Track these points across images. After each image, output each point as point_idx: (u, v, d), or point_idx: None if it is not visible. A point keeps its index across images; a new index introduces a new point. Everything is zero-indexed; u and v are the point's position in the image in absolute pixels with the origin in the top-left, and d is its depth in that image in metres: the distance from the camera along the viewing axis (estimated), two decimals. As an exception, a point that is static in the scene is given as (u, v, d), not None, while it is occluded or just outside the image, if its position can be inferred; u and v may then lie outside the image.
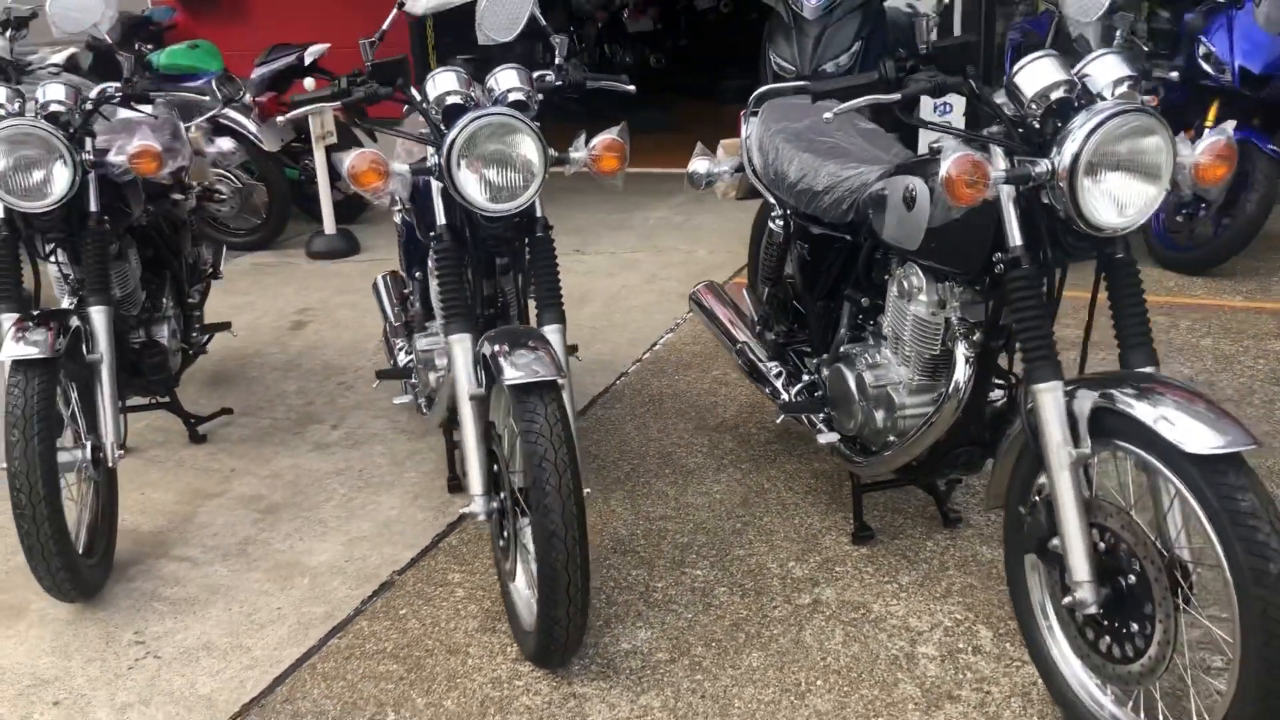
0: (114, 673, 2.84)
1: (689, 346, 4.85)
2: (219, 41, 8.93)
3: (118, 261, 3.63)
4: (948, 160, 2.14)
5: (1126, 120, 2.13)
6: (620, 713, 2.59)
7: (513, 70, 2.82)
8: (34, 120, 3.08)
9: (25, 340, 2.93)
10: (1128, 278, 2.35)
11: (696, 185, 3.58)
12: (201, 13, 9.48)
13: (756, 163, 3.39)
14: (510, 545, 2.73)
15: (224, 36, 9.17)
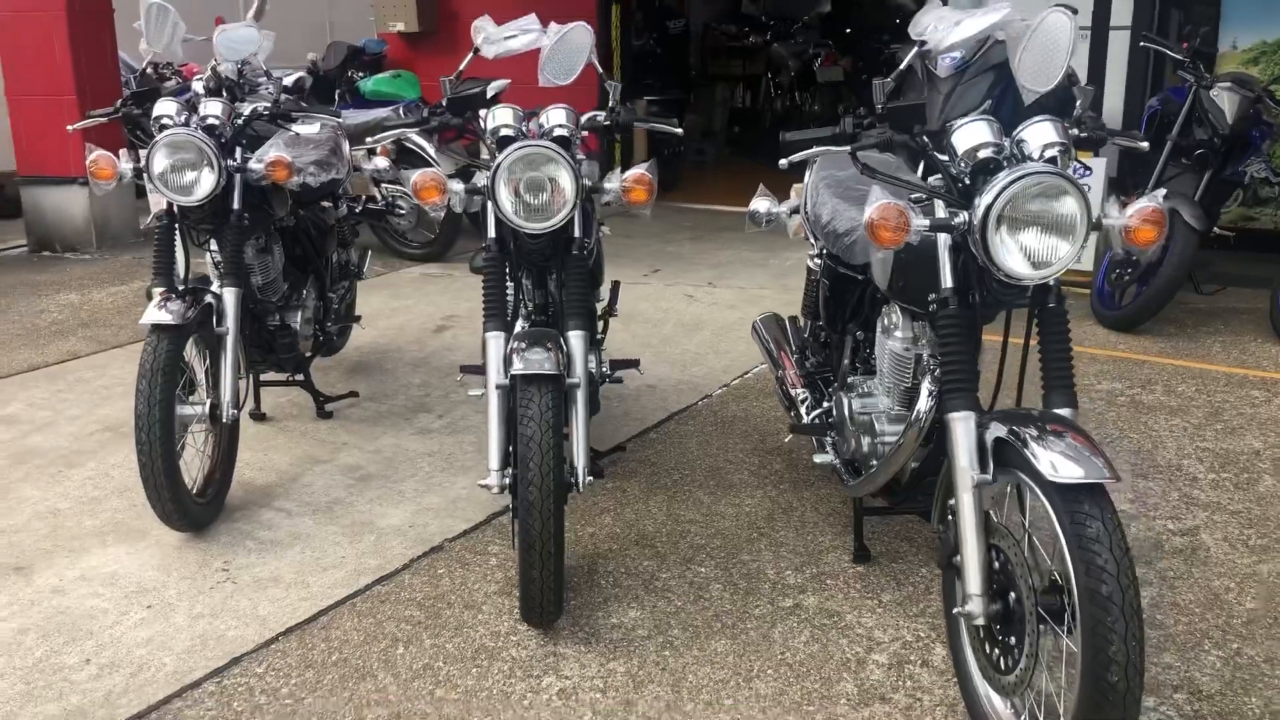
0: (198, 590, 3.41)
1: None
2: (431, 72, 9.80)
3: (262, 254, 4.28)
4: (871, 206, 2.44)
5: (1038, 180, 2.37)
6: (588, 671, 2.95)
7: (561, 110, 3.26)
8: (192, 130, 3.72)
9: (164, 309, 3.56)
10: (1056, 325, 2.57)
11: (757, 224, 3.91)
12: (419, 45, 10.41)
13: (807, 206, 3.72)
14: (514, 514, 3.14)
15: (435, 67, 10.07)
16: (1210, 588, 3.31)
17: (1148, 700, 2.78)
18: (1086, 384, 5.00)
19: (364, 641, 3.12)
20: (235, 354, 3.81)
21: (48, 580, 3.48)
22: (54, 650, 3.10)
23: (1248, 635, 3.06)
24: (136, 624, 3.23)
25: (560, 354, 3.00)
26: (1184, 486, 3.97)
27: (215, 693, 2.90)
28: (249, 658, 3.05)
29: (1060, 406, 2.52)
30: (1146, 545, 3.56)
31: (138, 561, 3.59)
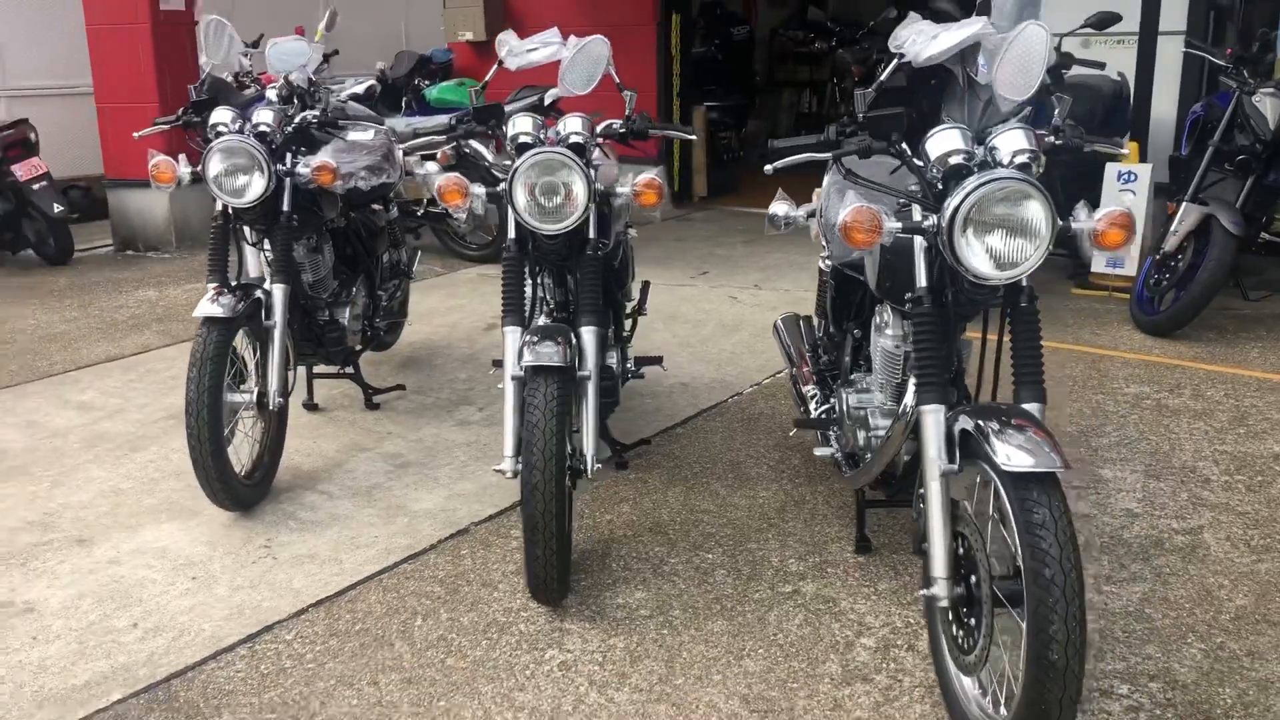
0: (240, 564, 3.67)
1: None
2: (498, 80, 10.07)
3: (313, 253, 4.54)
4: (845, 210, 2.59)
5: (1002, 186, 2.50)
6: (589, 646, 3.14)
7: (578, 118, 3.46)
8: (244, 137, 3.99)
9: (216, 303, 3.84)
10: (1028, 324, 2.69)
11: (776, 227, 4.05)
12: (487, 54, 10.71)
13: (820, 209, 3.86)
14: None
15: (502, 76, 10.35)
16: (1204, 584, 3.38)
17: (1122, 687, 2.89)
18: (1114, 387, 5.06)
19: (386, 614, 3.35)
20: (283, 346, 4.07)
21: (106, 552, 3.77)
22: (106, 615, 3.37)
23: (1233, 630, 3.14)
24: (182, 593, 3.49)
25: (570, 348, 3.19)
26: (1195, 487, 4.03)
27: (246, 656, 3.15)
28: (280, 626, 3.30)
29: (1028, 401, 2.64)
30: (1147, 543, 3.64)
31: (188, 537, 3.86)
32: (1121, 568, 3.49)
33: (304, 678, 3.03)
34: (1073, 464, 2.45)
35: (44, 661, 3.14)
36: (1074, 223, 2.64)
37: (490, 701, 2.90)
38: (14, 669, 3.10)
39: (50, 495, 4.23)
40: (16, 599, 3.48)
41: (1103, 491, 4.01)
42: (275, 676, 3.04)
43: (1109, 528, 3.74)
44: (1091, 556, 3.53)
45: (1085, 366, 5.36)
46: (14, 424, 5.01)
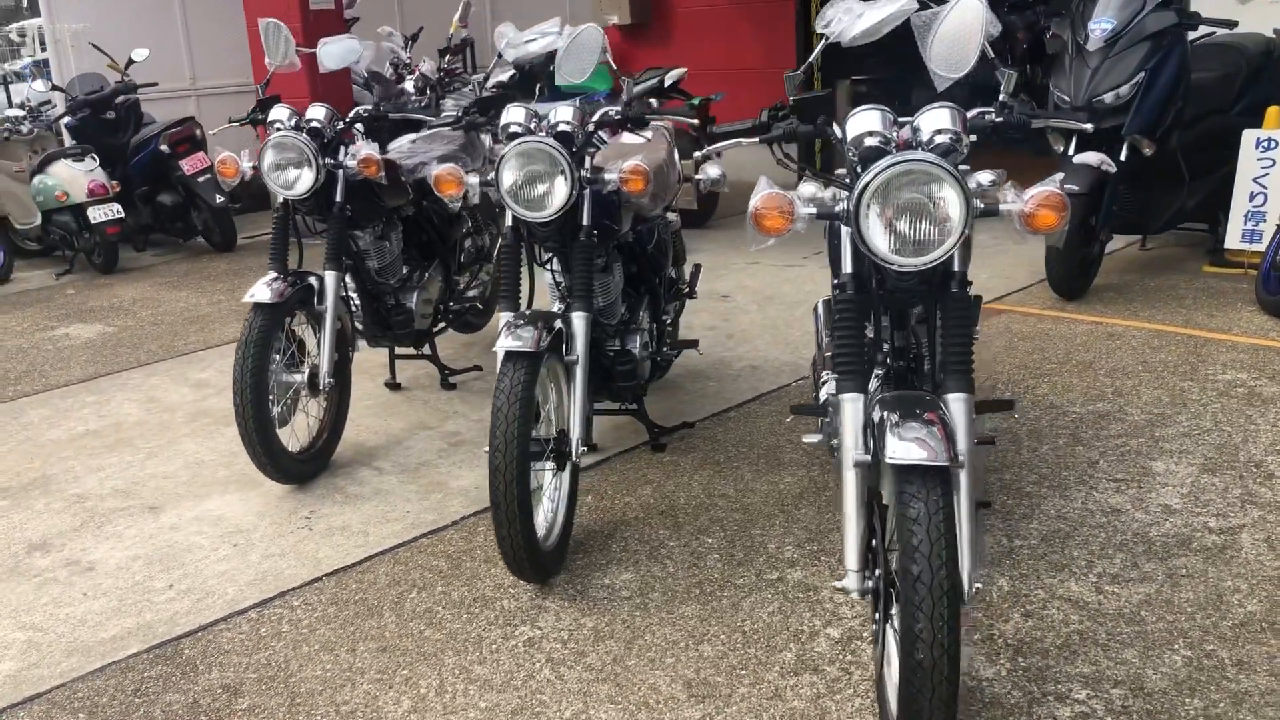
0: (277, 533, 3.94)
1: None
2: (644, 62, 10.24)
3: (379, 241, 4.76)
4: (756, 196, 2.56)
5: (906, 169, 2.42)
6: (561, 624, 3.23)
7: (568, 107, 3.51)
8: (295, 133, 4.24)
9: (266, 289, 4.10)
10: (956, 312, 2.59)
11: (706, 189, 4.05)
12: (635, 37, 10.84)
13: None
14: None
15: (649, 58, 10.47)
16: (1218, 588, 3.16)
17: (1080, 692, 2.75)
18: (1208, 373, 4.72)
19: (388, 585, 3.53)
20: (333, 330, 4.31)
21: (169, 519, 4.11)
22: (149, 576, 3.70)
23: (1230, 638, 2.92)
24: (219, 559, 3.79)
25: (546, 333, 3.27)
26: (1253, 484, 3.74)
27: (254, 619, 3.39)
28: (293, 593, 3.53)
29: (953, 391, 2.54)
30: (1172, 542, 3.41)
31: (244, 508, 4.17)
32: (1134, 566, 3.29)
33: (293, 641, 3.25)
34: (961, 460, 2.33)
35: (85, 616, 3.47)
36: (1001, 204, 2.52)
37: (449, 672, 3.04)
38: (59, 621, 3.45)
39: (143, 465, 4.64)
40: (83, 558, 3.85)
41: (1145, 486, 3.78)
42: (270, 639, 3.27)
43: (1136, 525, 3.53)
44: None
45: (1184, 351, 5.02)
46: (137, 399, 5.49)
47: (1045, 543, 3.46)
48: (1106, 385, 4.68)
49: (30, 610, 3.53)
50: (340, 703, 2.94)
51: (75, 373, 5.98)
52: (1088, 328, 5.44)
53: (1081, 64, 5.76)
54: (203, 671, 3.13)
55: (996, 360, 5.07)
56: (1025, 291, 6.11)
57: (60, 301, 7.70)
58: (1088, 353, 5.08)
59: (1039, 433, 4.26)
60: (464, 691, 2.95)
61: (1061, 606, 3.12)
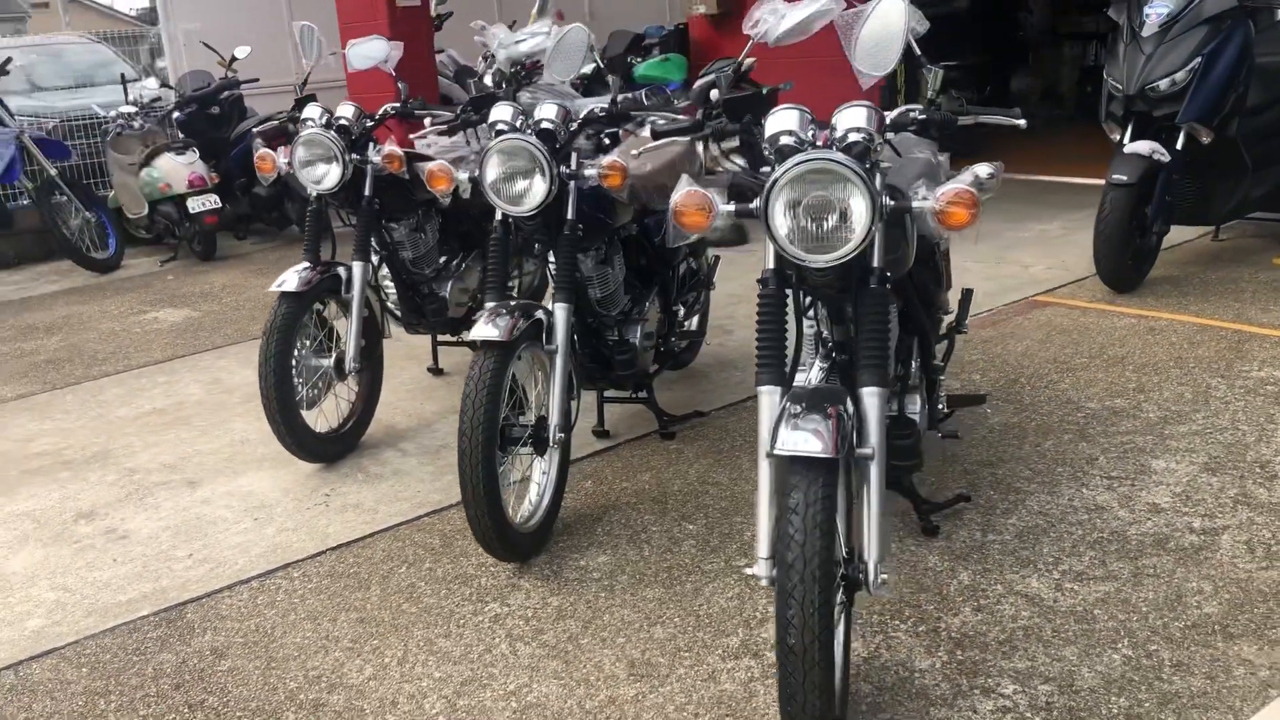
0: (297, 509, 4.18)
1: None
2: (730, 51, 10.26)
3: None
4: (677, 194, 2.64)
5: (811, 167, 2.46)
6: (529, 602, 3.37)
7: (552, 104, 3.63)
8: (323, 130, 4.47)
9: (292, 278, 4.34)
10: (872, 308, 2.63)
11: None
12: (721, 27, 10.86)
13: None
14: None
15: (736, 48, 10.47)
16: (1181, 589, 3.11)
17: (1008, 687, 2.77)
18: (1241, 370, 4.58)
19: (382, 560, 3.73)
20: (359, 318, 4.52)
21: (204, 493, 4.40)
22: (174, 545, 3.98)
23: (1178, 639, 2.89)
24: (239, 531, 4.04)
25: (524, 323, 3.41)
26: (1252, 485, 3.64)
27: (255, 588, 3.63)
28: (295, 565, 3.76)
29: (867, 385, 2.58)
30: (1148, 541, 3.37)
31: (272, 484, 4.43)
32: (1101, 565, 3.26)
33: (284, 610, 3.47)
34: (837, 454, 2.36)
35: (110, 580, 3.77)
36: (913, 201, 2.55)
37: (415, 644, 3.21)
38: (87, 584, 3.75)
39: (193, 442, 4.95)
40: (120, 527, 4.16)
41: (1138, 484, 3.72)
42: (264, 607, 3.50)
43: (1116, 523, 3.48)
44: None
45: (1224, 347, 4.87)
46: (203, 381, 5.84)
47: (1019, 538, 3.45)
48: (1131, 381, 4.59)
49: (66, 573, 3.84)
50: (310, 668, 3.14)
51: (155, 354, 6.37)
52: (1131, 321, 5.32)
53: (1136, 49, 5.60)
54: (198, 634, 3.37)
55: (1028, 355, 5.00)
56: (1079, 284, 5.99)
57: (158, 287, 8.19)
58: (1123, 347, 4.98)
59: (1047, 428, 4.21)
60: (423, 662, 3.12)
61: (1015, 602, 3.12)
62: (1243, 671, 2.74)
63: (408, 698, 2.96)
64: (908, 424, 3.11)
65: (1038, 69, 12.64)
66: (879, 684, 2.83)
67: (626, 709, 2.83)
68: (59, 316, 7.48)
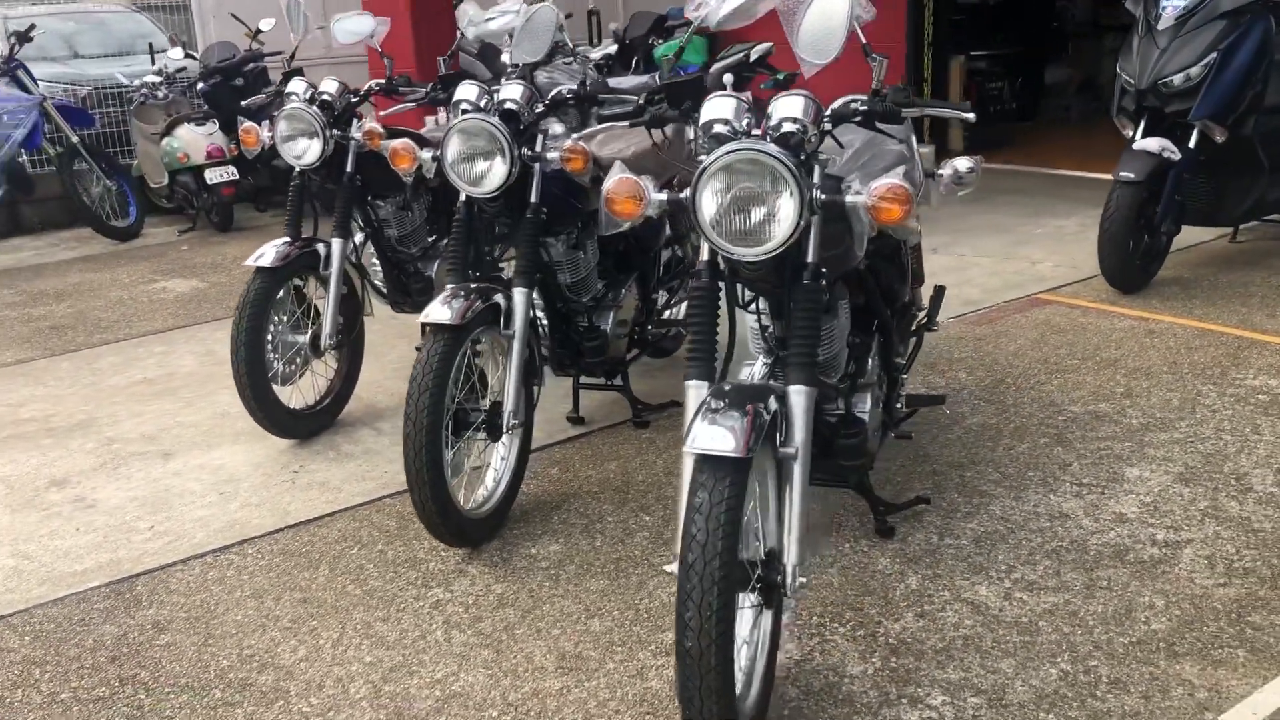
0: (263, 484, 4.18)
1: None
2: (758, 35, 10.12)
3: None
4: (610, 180, 2.57)
5: (737, 156, 2.39)
6: (473, 589, 3.34)
7: (517, 85, 3.57)
8: (305, 105, 4.44)
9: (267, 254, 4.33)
10: (804, 303, 2.55)
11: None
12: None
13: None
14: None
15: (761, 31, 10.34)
16: (1132, 603, 3.01)
17: (937, 697, 2.70)
18: (1234, 378, 4.44)
19: (337, 540, 3.71)
20: (337, 295, 4.50)
21: (176, 465, 4.41)
22: (139, 517, 3.99)
23: (1120, 655, 2.80)
24: (203, 505, 4.05)
25: (479, 306, 3.37)
26: (1224, 498, 3.53)
27: (208, 563, 3.63)
28: (251, 541, 3.75)
29: (794, 383, 2.52)
30: (1107, 552, 3.27)
31: (243, 459, 4.43)
32: (1055, 575, 3.17)
33: (231, 586, 3.46)
34: (747, 454, 2.29)
35: (70, 549, 3.78)
36: (846, 197, 2.47)
37: (353, 626, 3.19)
38: (46, 552, 3.77)
39: (176, 414, 4.97)
40: (89, 496, 4.18)
41: (1107, 492, 3.61)
42: (212, 583, 3.49)
43: (1078, 532, 3.39)
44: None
45: (1222, 353, 4.73)
46: (197, 352, 5.86)
47: (975, 544, 3.36)
48: (1119, 385, 4.46)
49: (29, 540, 3.86)
50: (245, 646, 3.13)
51: (156, 324, 6.41)
52: (1130, 323, 5.18)
53: (1150, 43, 5.44)
54: (144, 607, 3.38)
55: (1019, 354, 4.89)
56: (1084, 283, 5.84)
57: (172, 257, 8.24)
58: (1117, 350, 4.85)
59: (1024, 431, 4.11)
60: (357, 646, 3.10)
61: (960, 610, 3.04)
62: (1181, 692, 2.65)
63: (335, 681, 2.95)
64: (855, 423, 3.03)
65: (1077, 60, 12.38)
66: (806, 688, 2.77)
67: (549, 702, 2.79)
68: (71, 283, 7.55)
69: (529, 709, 2.78)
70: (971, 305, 5.62)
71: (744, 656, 2.63)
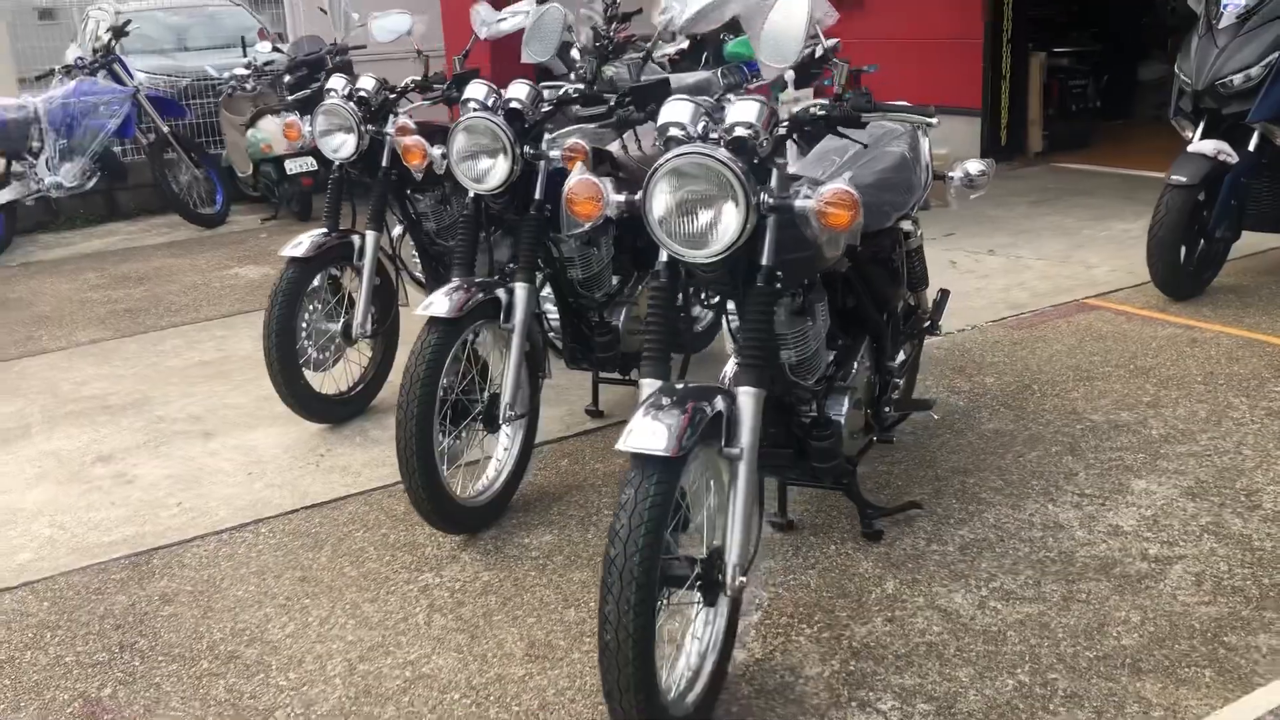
0: (290, 467, 4.34)
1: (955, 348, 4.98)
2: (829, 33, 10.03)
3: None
4: (570, 181, 2.63)
5: (684, 160, 2.43)
6: (463, 575, 3.44)
7: (523, 85, 3.64)
8: (341, 101, 4.58)
9: (301, 245, 4.49)
10: (755, 306, 2.58)
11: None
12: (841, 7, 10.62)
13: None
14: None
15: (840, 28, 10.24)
16: (1107, 618, 2.96)
17: (886, 703, 2.70)
18: (1273, 390, 4.29)
19: (346, 522, 3.85)
20: (369, 285, 4.65)
21: (214, 445, 4.61)
22: (170, 493, 4.19)
23: (1082, 670, 2.76)
24: (231, 484, 4.23)
25: (475, 299, 3.46)
26: (1230, 515, 3.43)
27: (224, 540, 3.80)
28: (266, 521, 3.91)
29: (741, 385, 2.54)
30: (1093, 565, 3.21)
31: (276, 441, 4.61)
32: (1035, 585, 3.13)
33: (239, 563, 3.62)
34: (678, 453, 2.31)
35: (101, 521, 3.99)
36: (795, 201, 2.48)
37: (341, 607, 3.31)
38: (80, 524, 3.98)
39: (224, 396, 5.18)
40: (130, 472, 4.40)
41: (1109, 504, 3.55)
42: (222, 559, 3.66)
43: (1069, 544, 3.33)
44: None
45: (1264, 364, 4.58)
46: (255, 336, 5.99)
47: (961, 551, 3.34)
48: (1147, 394, 4.36)
49: (67, 512, 4.08)
50: (239, 621, 3.28)
51: (222, 309, 6.67)
52: (1175, 331, 5.04)
53: (1209, 42, 5.28)
54: (156, 580, 3.55)
55: (1052, 360, 4.80)
56: (1137, 289, 5.69)
57: (251, 244, 8.54)
58: (1154, 358, 4.73)
59: (1038, 438, 4.04)
60: (342, 625, 3.22)
61: (931, 616, 3.03)
62: (1136, 709, 2.61)
63: (315, 658, 3.07)
64: (828, 425, 3.04)
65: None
66: (760, 687, 2.80)
67: (509, 688, 2.87)
68: (152, 267, 7.89)
69: (489, 693, 2.86)
70: (1016, 309, 5.53)
71: (693, 653, 2.68)
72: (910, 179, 3.44)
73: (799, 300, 2.92)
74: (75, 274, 7.80)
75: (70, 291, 7.30)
